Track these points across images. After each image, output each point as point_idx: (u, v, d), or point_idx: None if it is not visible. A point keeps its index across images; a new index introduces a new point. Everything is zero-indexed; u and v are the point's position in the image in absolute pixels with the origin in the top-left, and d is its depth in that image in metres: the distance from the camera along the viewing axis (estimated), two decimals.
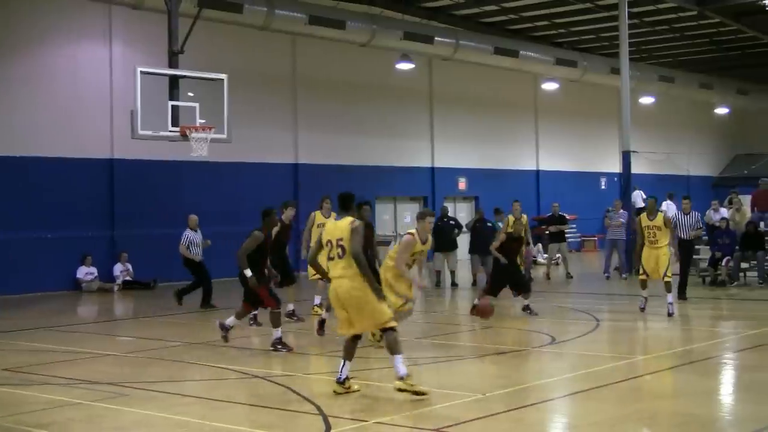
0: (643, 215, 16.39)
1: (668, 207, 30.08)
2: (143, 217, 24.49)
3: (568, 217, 27.20)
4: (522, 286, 16.56)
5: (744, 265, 22.20)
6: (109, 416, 9.06)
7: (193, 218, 18.87)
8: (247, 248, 12.62)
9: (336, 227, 9.54)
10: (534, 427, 8.55)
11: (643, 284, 16.29)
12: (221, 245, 19.45)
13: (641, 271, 16.25)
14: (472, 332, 15.14)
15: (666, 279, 15.82)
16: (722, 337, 14.18)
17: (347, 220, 9.54)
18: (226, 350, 13.23)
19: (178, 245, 18.71)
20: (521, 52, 30.45)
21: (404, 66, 29.85)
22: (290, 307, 15.93)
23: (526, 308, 16.32)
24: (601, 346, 13.19)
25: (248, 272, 12.56)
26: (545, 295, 19.73)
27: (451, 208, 30.03)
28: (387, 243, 30.35)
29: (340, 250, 9.39)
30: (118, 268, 23.78)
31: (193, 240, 18.59)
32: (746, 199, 25.62)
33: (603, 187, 39.61)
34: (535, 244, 25.51)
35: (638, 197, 30.93)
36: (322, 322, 13.90)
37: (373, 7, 27.33)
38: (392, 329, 9.34)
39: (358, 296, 9.32)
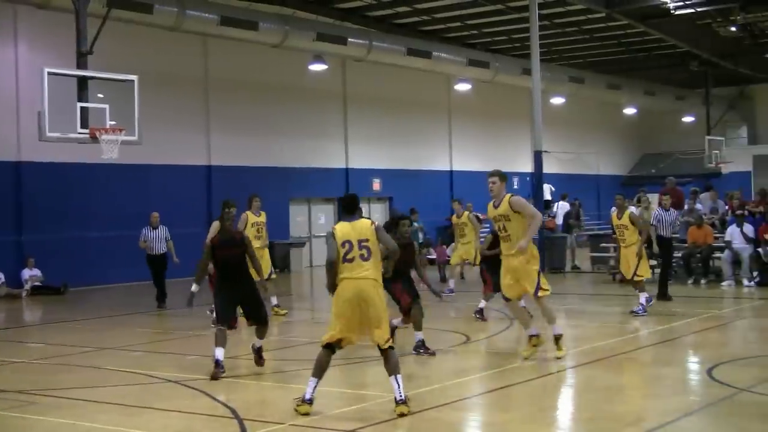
0: (614, 214, 16.55)
1: (560, 208, 30.68)
2: (53, 221, 23.97)
3: (481, 217, 27.46)
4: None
5: (653, 262, 22.62)
6: (17, 426, 8.88)
7: (153, 215, 19.24)
8: (206, 253, 11.32)
9: (354, 228, 9.13)
10: (449, 426, 8.63)
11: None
12: (135, 249, 19.24)
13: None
14: None
15: (636, 278, 16.02)
16: (630, 333, 14.48)
17: (367, 222, 9.25)
18: (139, 355, 13.08)
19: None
20: (434, 53, 30.66)
21: (317, 67, 29.84)
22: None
23: (480, 312, 15.82)
24: (513, 345, 13.37)
25: (194, 287, 11.31)
26: (459, 294, 19.95)
27: (365, 209, 30.10)
28: (302, 245, 30.38)
29: (364, 251, 9.06)
30: (26, 273, 23.23)
31: (147, 236, 19.08)
32: (654, 198, 26.23)
33: (515, 186, 40.03)
34: (448, 244, 25.66)
35: (546, 190, 31.55)
36: None
37: (285, 8, 27.20)
38: (393, 348, 9.02)
39: (381, 299, 9.07)
